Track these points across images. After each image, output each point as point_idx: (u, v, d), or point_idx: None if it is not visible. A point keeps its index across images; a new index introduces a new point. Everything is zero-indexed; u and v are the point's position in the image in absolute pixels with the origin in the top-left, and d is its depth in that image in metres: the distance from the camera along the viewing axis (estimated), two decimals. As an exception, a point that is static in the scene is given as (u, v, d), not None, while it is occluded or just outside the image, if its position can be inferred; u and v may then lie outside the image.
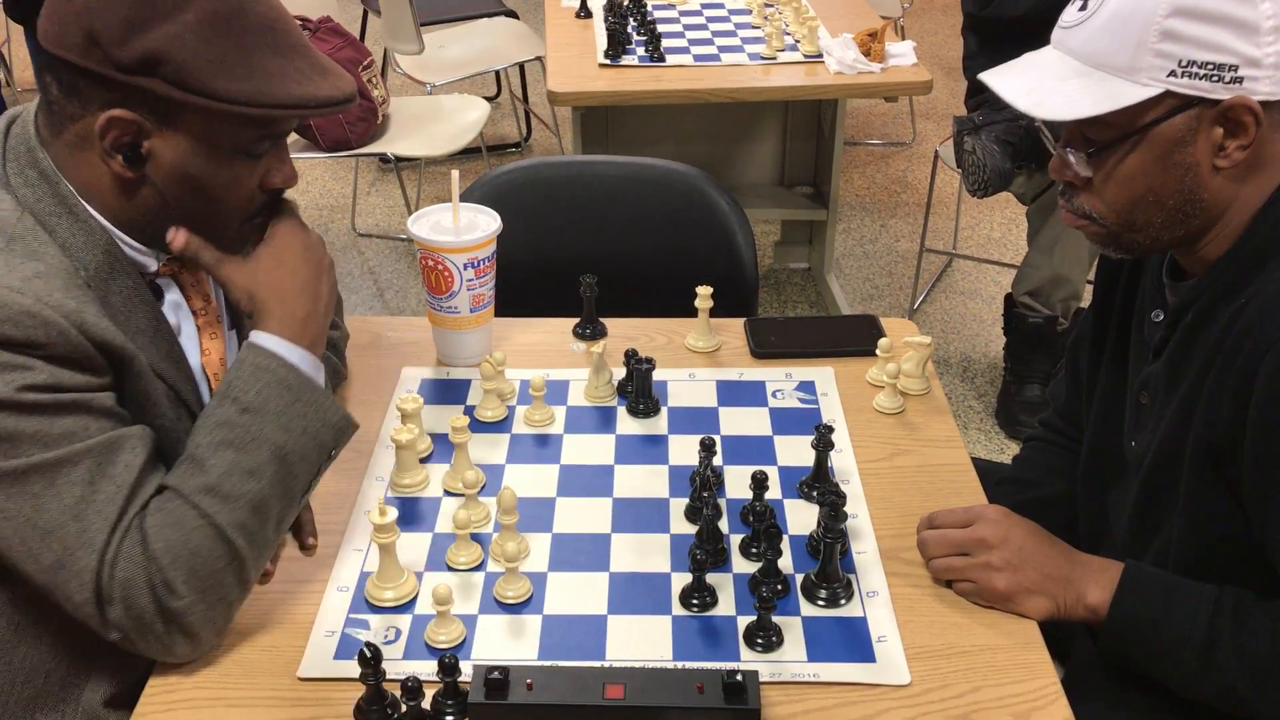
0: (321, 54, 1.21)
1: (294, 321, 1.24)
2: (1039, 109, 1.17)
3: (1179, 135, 1.15)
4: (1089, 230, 1.25)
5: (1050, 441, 1.61)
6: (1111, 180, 1.19)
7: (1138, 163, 1.17)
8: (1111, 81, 1.14)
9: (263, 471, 1.17)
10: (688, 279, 1.74)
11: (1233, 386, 1.15)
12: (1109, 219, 1.22)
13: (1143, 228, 1.21)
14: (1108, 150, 1.18)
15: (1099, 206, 1.22)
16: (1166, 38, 1.11)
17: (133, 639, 1.13)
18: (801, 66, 2.99)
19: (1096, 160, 1.19)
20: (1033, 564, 1.24)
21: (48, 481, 1.09)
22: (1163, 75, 1.12)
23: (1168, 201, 1.18)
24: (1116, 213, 1.21)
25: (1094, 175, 1.20)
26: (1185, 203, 1.18)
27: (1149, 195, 1.18)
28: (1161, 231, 1.21)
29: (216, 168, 1.19)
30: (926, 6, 6.15)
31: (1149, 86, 1.13)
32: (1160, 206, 1.19)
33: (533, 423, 1.54)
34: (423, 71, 3.94)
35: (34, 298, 1.09)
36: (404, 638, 1.21)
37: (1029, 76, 1.21)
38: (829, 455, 1.40)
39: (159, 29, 1.11)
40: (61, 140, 1.18)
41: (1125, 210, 1.20)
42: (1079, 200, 1.24)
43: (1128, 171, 1.18)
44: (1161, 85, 1.13)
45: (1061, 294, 2.95)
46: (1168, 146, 1.15)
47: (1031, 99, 1.18)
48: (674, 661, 1.18)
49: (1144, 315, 1.33)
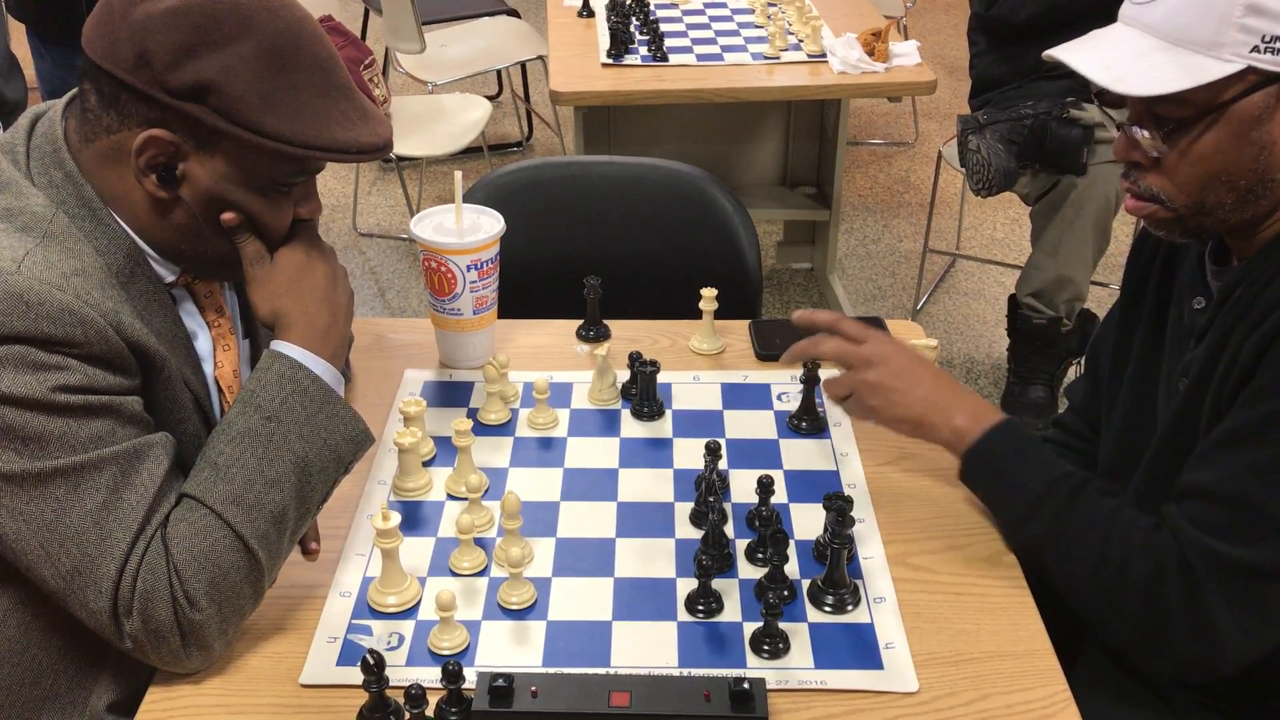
0: (364, 96, 1.21)
1: (316, 333, 1.24)
2: (1121, 84, 1.15)
3: (1256, 113, 1.13)
4: (1155, 215, 1.23)
5: (1063, 443, 1.59)
6: (1185, 159, 1.17)
7: (1213, 141, 1.15)
8: (1193, 57, 1.12)
9: (284, 481, 1.16)
10: (691, 280, 1.73)
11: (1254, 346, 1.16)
12: (1178, 201, 1.20)
13: (1213, 209, 1.19)
14: (1183, 128, 1.16)
15: (1168, 187, 1.20)
16: (1251, 12, 1.10)
17: (145, 649, 1.12)
18: (805, 66, 2.99)
19: (1172, 139, 1.17)
20: (910, 385, 1.33)
21: (71, 486, 1.08)
22: (1246, 51, 1.11)
23: (1240, 181, 1.16)
24: (1187, 194, 1.19)
25: (1168, 155, 1.18)
26: (1257, 182, 1.16)
27: (1222, 175, 1.16)
28: (1231, 213, 1.19)
29: (247, 195, 1.19)
30: (930, 6, 6.14)
31: (1231, 62, 1.11)
32: (1232, 187, 1.17)
33: (536, 426, 1.53)
34: (424, 71, 3.94)
35: (74, 295, 1.09)
36: (407, 644, 1.20)
37: (1105, 51, 1.18)
38: (815, 389, 1.51)
39: (213, 58, 1.11)
40: (92, 148, 1.17)
41: (1196, 191, 1.18)
42: (1146, 181, 1.21)
43: (1202, 150, 1.16)
44: (1244, 61, 1.11)
45: (1065, 295, 2.94)
46: (1245, 124, 1.14)
47: (1111, 74, 1.16)
48: (680, 668, 1.17)
49: (1183, 304, 1.31)
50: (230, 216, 1.20)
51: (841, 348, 1.38)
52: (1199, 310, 1.28)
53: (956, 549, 1.33)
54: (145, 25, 1.11)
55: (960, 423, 1.33)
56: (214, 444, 1.17)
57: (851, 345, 1.38)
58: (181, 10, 1.11)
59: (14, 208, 1.14)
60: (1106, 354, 1.47)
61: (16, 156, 1.18)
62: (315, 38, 1.17)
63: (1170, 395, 1.32)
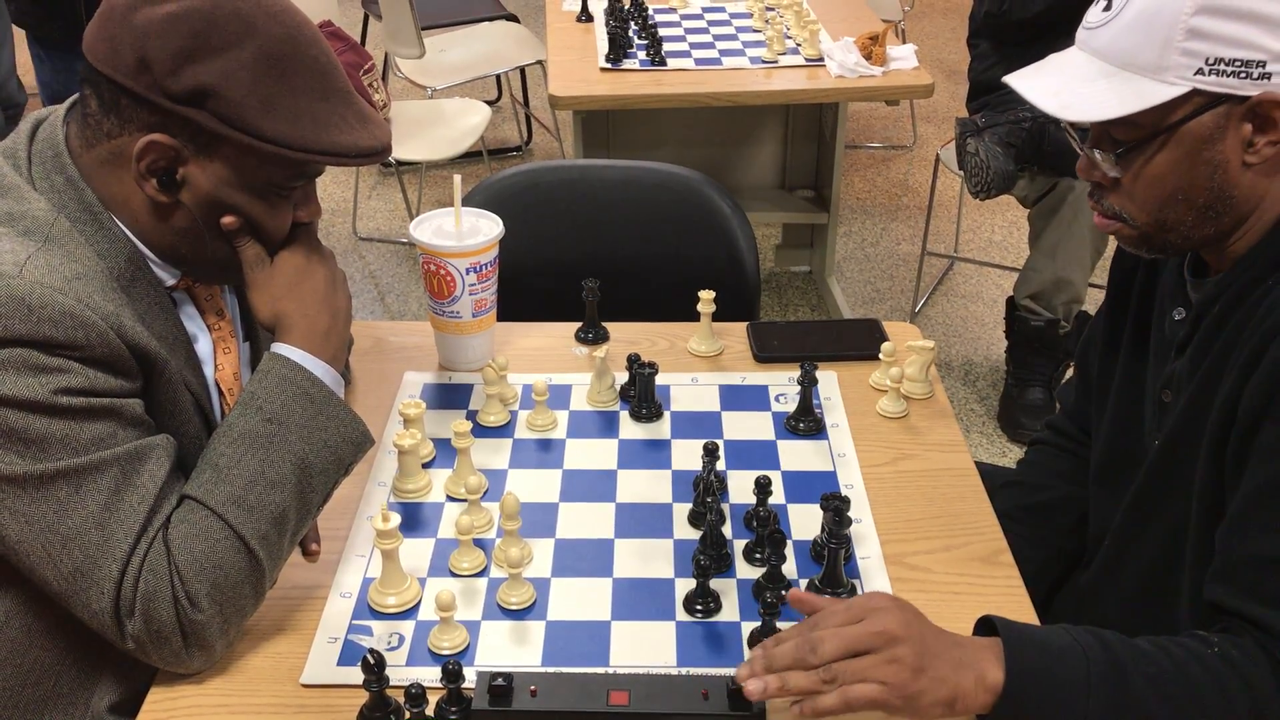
0: (363, 101, 1.22)
1: (316, 335, 1.24)
2: (1067, 111, 1.16)
3: (1207, 133, 1.14)
4: (1121, 232, 1.24)
5: (1056, 445, 1.60)
6: (1141, 180, 1.19)
7: (1166, 161, 1.16)
8: (1138, 81, 1.14)
9: (285, 483, 1.17)
10: (689, 282, 1.74)
11: (1246, 369, 1.15)
12: (1140, 219, 1.21)
13: (1174, 227, 1.20)
14: (1136, 150, 1.17)
15: (1129, 207, 1.21)
16: (1193, 36, 1.10)
17: (147, 650, 1.12)
18: (803, 70, 2.99)
19: (1125, 160, 1.18)
20: (938, 653, 1.06)
21: (73, 488, 1.09)
22: (1190, 73, 1.11)
23: (1198, 200, 1.17)
24: (1147, 213, 1.20)
25: (1123, 175, 1.19)
26: (1215, 200, 1.17)
27: (1179, 194, 1.18)
28: (1193, 230, 1.20)
29: (247, 199, 1.20)
30: (927, 10, 6.15)
31: (1176, 85, 1.12)
32: (1190, 205, 1.18)
33: (535, 427, 1.53)
34: (424, 75, 3.94)
35: (75, 299, 1.09)
36: (407, 644, 1.20)
37: (1054, 78, 1.20)
38: (812, 390, 1.50)
39: (213, 63, 1.12)
40: (93, 153, 1.18)
41: (1156, 210, 1.20)
42: (1108, 201, 1.23)
43: (1157, 171, 1.17)
44: (1189, 84, 1.12)
45: (1063, 297, 2.95)
46: (1196, 144, 1.15)
47: (1058, 100, 1.17)
48: (678, 667, 1.18)
49: (1164, 314, 1.32)
50: (230, 220, 1.20)
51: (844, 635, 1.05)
52: (1179, 321, 1.29)
53: (953, 549, 1.34)
54: (145, 31, 1.11)
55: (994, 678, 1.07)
56: (215, 446, 1.17)
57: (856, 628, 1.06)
58: (182, 16, 1.12)
59: (16, 212, 1.15)
60: (1095, 358, 1.47)
61: (18, 161, 1.19)
62: (314, 42, 1.18)
63: (1156, 407, 1.32)
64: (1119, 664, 1.08)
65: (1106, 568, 1.39)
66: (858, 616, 1.06)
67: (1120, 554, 1.36)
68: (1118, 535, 1.36)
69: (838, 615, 1.07)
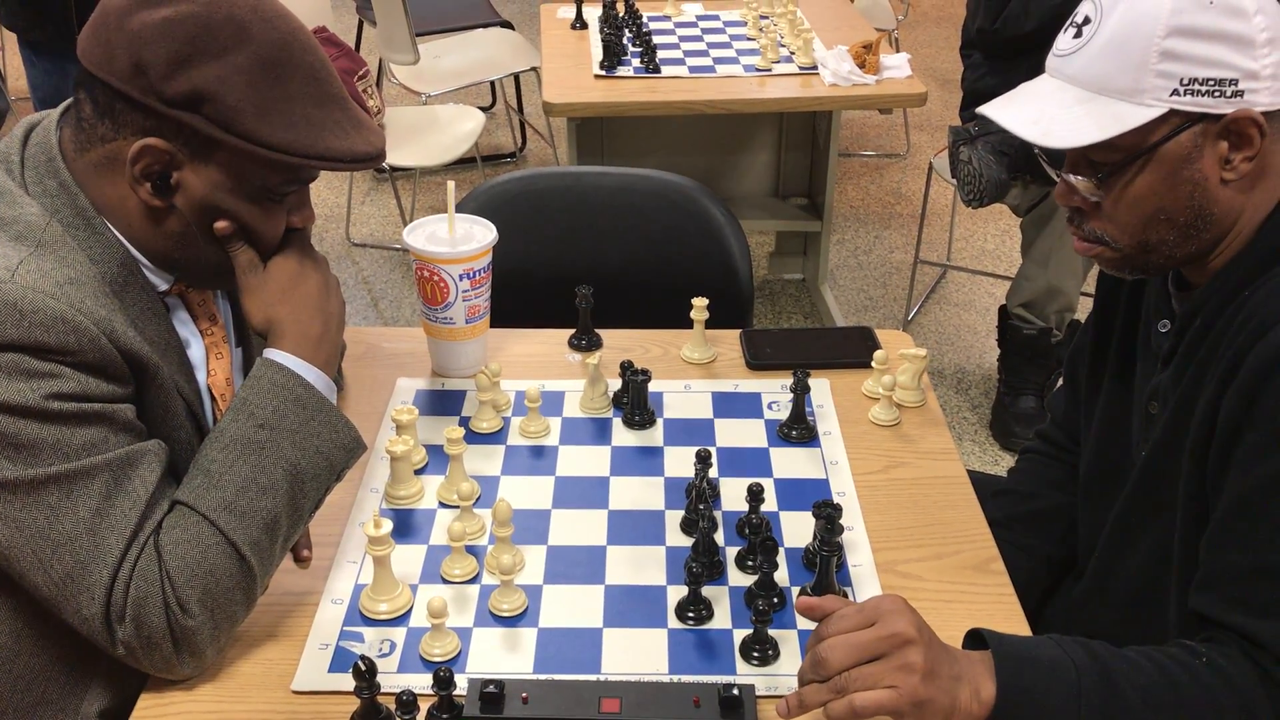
0: (357, 106, 1.22)
1: (308, 341, 1.24)
2: (1048, 138, 1.17)
3: (1186, 152, 1.15)
4: (1103, 256, 1.25)
5: (1046, 454, 1.61)
6: (1122, 203, 1.19)
7: (1146, 183, 1.17)
8: (1115, 105, 1.15)
9: (277, 488, 1.17)
10: (683, 290, 1.74)
11: (1226, 378, 1.15)
12: (1122, 242, 1.22)
13: (1156, 247, 1.21)
14: (1116, 173, 1.18)
15: (1111, 230, 1.22)
16: (1166, 58, 1.12)
17: (138, 655, 1.12)
18: (796, 78, 3.00)
19: (1105, 184, 1.19)
20: (943, 660, 1.06)
21: (64, 493, 1.08)
22: (1165, 95, 1.13)
23: (1179, 218, 1.18)
24: (1130, 234, 1.21)
25: (1103, 199, 1.20)
26: (1196, 218, 1.18)
27: (1160, 214, 1.18)
28: (1175, 249, 1.21)
29: (241, 204, 1.20)
30: (920, 19, 6.17)
31: (1153, 107, 1.13)
32: (1172, 224, 1.19)
33: (528, 434, 1.53)
34: (418, 82, 3.95)
35: (67, 304, 1.09)
36: (399, 651, 1.20)
37: (1031, 106, 1.21)
38: (805, 398, 1.50)
39: (208, 68, 1.12)
40: (87, 158, 1.18)
41: (1138, 231, 1.20)
42: (1089, 225, 1.23)
43: (1138, 192, 1.18)
44: (1165, 105, 1.13)
45: (1056, 306, 2.96)
46: (1175, 164, 1.16)
47: (1039, 128, 1.18)
48: (670, 675, 1.17)
49: (1150, 327, 1.33)
50: (224, 225, 1.20)
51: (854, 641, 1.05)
52: (1164, 333, 1.30)
53: (945, 556, 1.34)
54: (141, 35, 1.11)
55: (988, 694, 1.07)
56: (207, 451, 1.17)
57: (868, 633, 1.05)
58: (177, 20, 1.12)
59: (8, 217, 1.15)
60: (1083, 367, 1.48)
61: (11, 166, 1.19)
62: (309, 48, 1.18)
63: (1143, 419, 1.33)
64: (1108, 675, 1.09)
65: (1096, 578, 1.39)
66: (870, 619, 1.06)
67: (1109, 565, 1.37)
68: (1107, 546, 1.36)
69: (849, 619, 1.07)
